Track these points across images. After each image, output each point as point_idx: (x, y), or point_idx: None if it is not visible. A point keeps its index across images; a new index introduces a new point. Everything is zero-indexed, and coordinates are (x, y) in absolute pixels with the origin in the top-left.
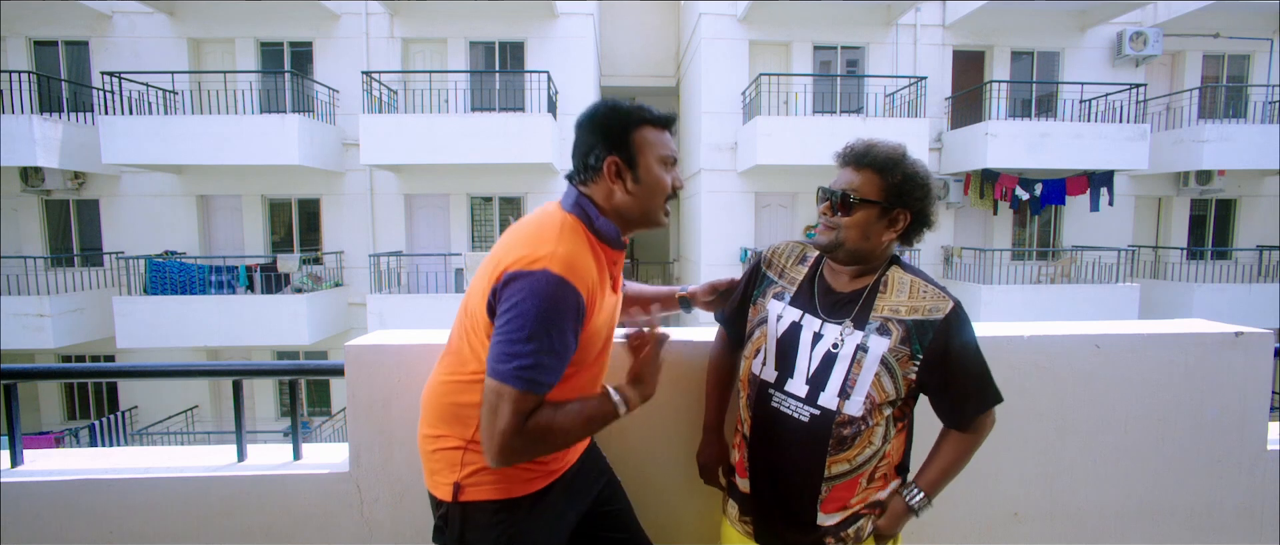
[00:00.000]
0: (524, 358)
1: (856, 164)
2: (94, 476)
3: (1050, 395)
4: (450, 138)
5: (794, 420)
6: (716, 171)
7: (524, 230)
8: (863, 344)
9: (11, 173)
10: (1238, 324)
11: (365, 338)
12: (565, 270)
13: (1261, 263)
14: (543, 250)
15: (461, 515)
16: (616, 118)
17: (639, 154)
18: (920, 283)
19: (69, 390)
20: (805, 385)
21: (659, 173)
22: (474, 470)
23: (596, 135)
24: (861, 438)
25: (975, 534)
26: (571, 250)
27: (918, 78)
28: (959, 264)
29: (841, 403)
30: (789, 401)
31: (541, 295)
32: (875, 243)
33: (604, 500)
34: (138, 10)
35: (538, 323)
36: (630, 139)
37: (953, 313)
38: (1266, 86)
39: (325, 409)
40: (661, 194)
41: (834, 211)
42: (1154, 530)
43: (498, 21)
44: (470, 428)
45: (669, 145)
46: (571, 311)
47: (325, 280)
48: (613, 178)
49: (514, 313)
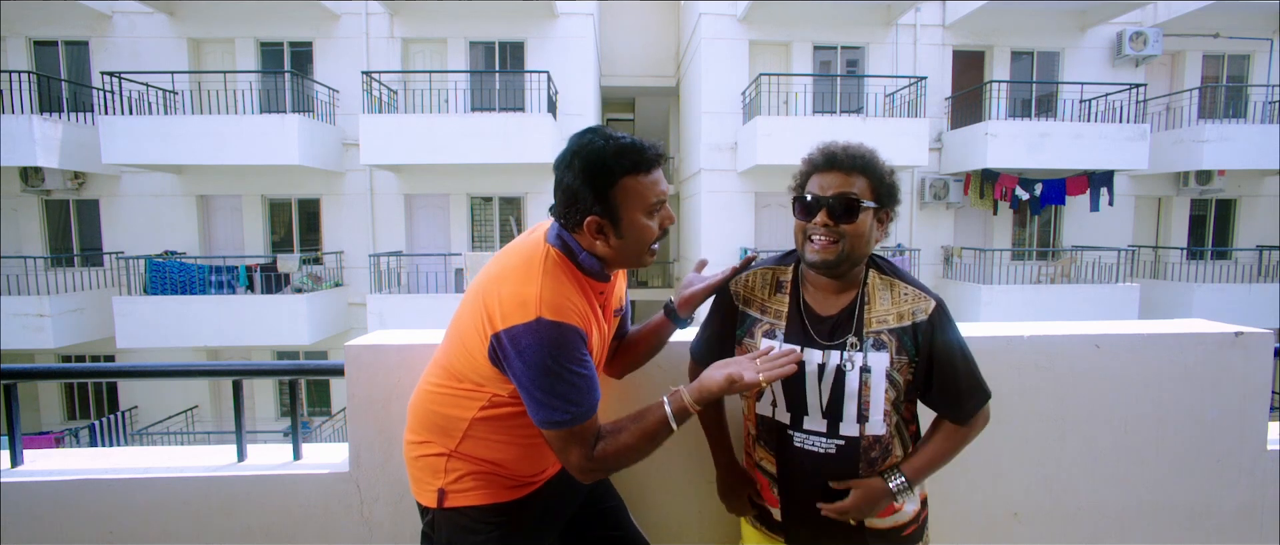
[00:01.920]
0: (560, 402)
1: (847, 168)
2: (94, 476)
3: (1050, 395)
4: (450, 138)
5: (820, 456)
6: (716, 171)
7: (511, 267)
8: (865, 365)
9: (11, 173)
10: (1238, 324)
11: (365, 338)
12: (557, 314)
13: (1261, 263)
14: (530, 293)
15: (448, 521)
16: (599, 170)
17: (622, 209)
18: (900, 285)
19: (69, 390)
20: (823, 420)
21: (643, 223)
22: (458, 476)
23: (577, 185)
24: (890, 455)
25: (975, 534)
26: (555, 292)
27: (918, 78)
28: (959, 264)
29: (862, 427)
30: (811, 439)
31: (546, 343)
32: (870, 248)
33: (597, 498)
34: (138, 10)
35: (555, 368)
36: (612, 195)
37: (936, 311)
38: (1266, 86)
39: (325, 409)
40: (646, 243)
41: (836, 220)
42: (1154, 530)
43: (498, 21)
44: (455, 438)
45: (656, 188)
46: (577, 344)
47: (325, 280)
48: (593, 234)
49: (530, 369)
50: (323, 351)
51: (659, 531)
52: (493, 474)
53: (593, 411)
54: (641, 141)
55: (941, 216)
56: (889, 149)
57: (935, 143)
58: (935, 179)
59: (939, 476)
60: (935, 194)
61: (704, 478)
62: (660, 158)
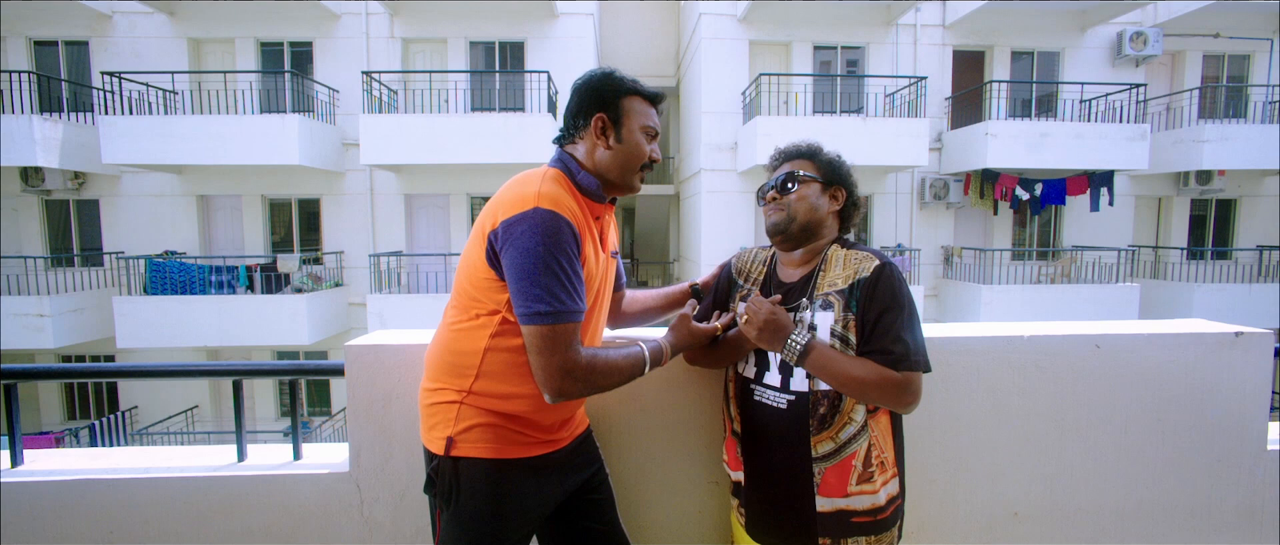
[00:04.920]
0: (545, 293)
1: (788, 158)
2: (94, 476)
3: (1050, 395)
4: (450, 138)
5: (775, 409)
6: (716, 171)
7: (511, 185)
8: (811, 323)
9: (11, 173)
10: (1238, 324)
11: (365, 338)
12: (556, 205)
13: (1261, 263)
14: (529, 192)
15: (453, 469)
16: (609, 83)
17: (624, 116)
18: (854, 253)
19: (69, 390)
20: (778, 374)
21: (639, 139)
22: (468, 426)
23: (590, 96)
24: (840, 414)
25: (975, 534)
26: (558, 192)
27: (918, 78)
28: (959, 264)
29: (811, 383)
30: (768, 392)
31: (541, 229)
32: (823, 215)
33: (590, 488)
34: (138, 10)
35: (547, 256)
36: (619, 102)
37: (877, 269)
38: (1266, 86)
39: (325, 409)
40: (638, 159)
41: (780, 193)
42: (1154, 530)
43: (498, 21)
44: (468, 378)
45: (653, 118)
46: (571, 240)
47: (325, 280)
48: (597, 133)
49: (521, 254)
50: (323, 351)
51: (657, 531)
52: (501, 426)
53: (577, 316)
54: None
55: (941, 216)
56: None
57: (935, 143)
58: (935, 179)
59: (939, 476)
60: (935, 194)
61: (703, 478)
62: (661, 97)
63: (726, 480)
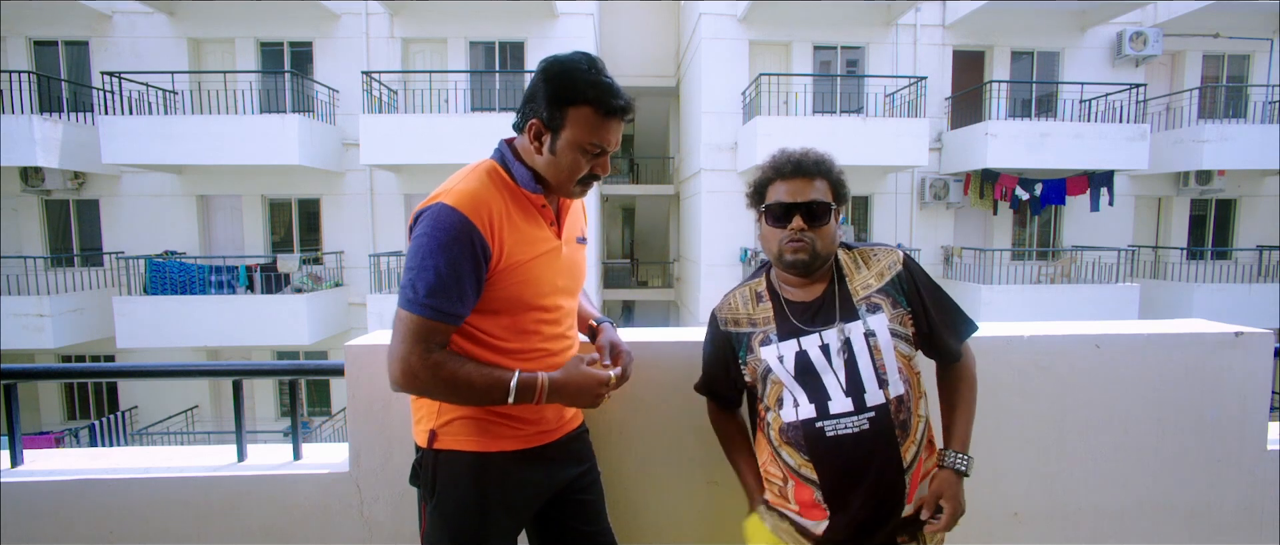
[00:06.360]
0: (421, 285)
1: (811, 174)
2: (94, 476)
3: (1050, 395)
4: (450, 138)
5: (857, 434)
6: (716, 171)
7: (449, 179)
8: (868, 329)
9: (11, 173)
10: (1238, 324)
11: (365, 338)
12: (459, 202)
13: (1261, 263)
14: (446, 188)
15: (434, 461)
16: (565, 85)
17: (565, 129)
18: (863, 251)
19: (69, 390)
20: (847, 398)
21: (576, 157)
22: (449, 419)
23: (538, 92)
24: (914, 413)
25: (975, 534)
26: (474, 188)
27: (918, 78)
28: (959, 264)
29: (886, 391)
30: (842, 422)
31: (436, 225)
32: (835, 245)
33: (579, 488)
34: (138, 10)
35: (432, 252)
36: (563, 111)
37: (905, 259)
38: (1266, 86)
39: (325, 409)
40: (573, 174)
41: (809, 225)
42: (1154, 530)
43: (498, 21)
44: None
45: (605, 134)
46: (466, 242)
47: (325, 280)
48: (532, 137)
49: (413, 246)
50: (323, 351)
51: (658, 532)
52: (484, 419)
53: (442, 317)
54: (617, 89)
55: (941, 216)
56: (889, 149)
57: (935, 143)
58: (935, 179)
59: None
60: (935, 194)
61: (703, 478)
62: (625, 111)
63: (727, 480)
